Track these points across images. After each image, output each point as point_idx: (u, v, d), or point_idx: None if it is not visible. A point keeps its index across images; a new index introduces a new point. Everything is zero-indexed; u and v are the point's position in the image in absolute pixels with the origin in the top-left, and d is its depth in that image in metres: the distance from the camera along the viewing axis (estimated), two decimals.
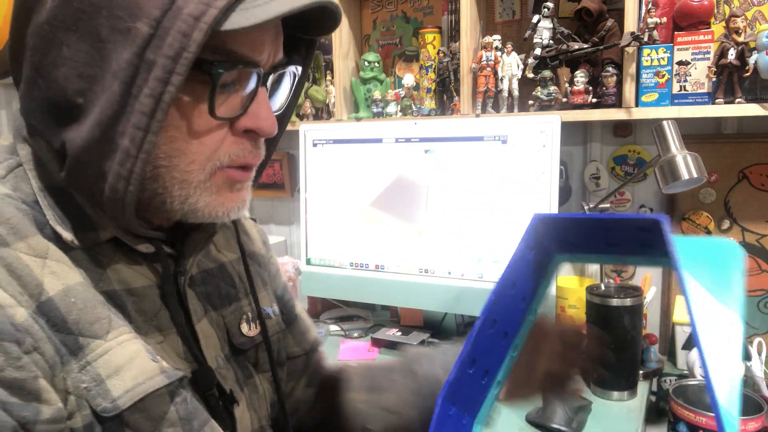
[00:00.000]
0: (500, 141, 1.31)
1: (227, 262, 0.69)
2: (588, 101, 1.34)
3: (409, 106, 1.60)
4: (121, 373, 0.50)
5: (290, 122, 1.96)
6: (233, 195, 0.55)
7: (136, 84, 0.45)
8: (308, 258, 1.55)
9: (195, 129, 0.50)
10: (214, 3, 0.45)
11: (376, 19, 1.74)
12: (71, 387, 0.48)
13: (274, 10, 0.46)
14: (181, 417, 0.54)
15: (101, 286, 0.52)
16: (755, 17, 1.27)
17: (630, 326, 1.17)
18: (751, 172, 1.34)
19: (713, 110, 1.22)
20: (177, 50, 0.44)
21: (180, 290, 0.58)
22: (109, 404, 0.49)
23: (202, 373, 0.57)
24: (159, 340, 0.55)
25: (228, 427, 0.60)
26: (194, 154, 0.50)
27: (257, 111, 0.52)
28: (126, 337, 0.52)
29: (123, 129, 0.46)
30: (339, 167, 1.50)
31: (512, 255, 0.55)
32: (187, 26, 0.44)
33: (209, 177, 0.52)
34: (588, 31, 1.38)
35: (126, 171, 0.47)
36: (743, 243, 1.36)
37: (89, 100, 0.47)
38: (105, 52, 0.46)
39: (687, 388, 1.13)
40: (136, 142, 0.46)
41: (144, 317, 0.55)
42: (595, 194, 1.51)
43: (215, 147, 0.51)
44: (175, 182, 0.51)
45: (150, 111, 0.45)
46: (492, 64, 1.41)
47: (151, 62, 0.45)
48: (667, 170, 1.17)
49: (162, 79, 0.45)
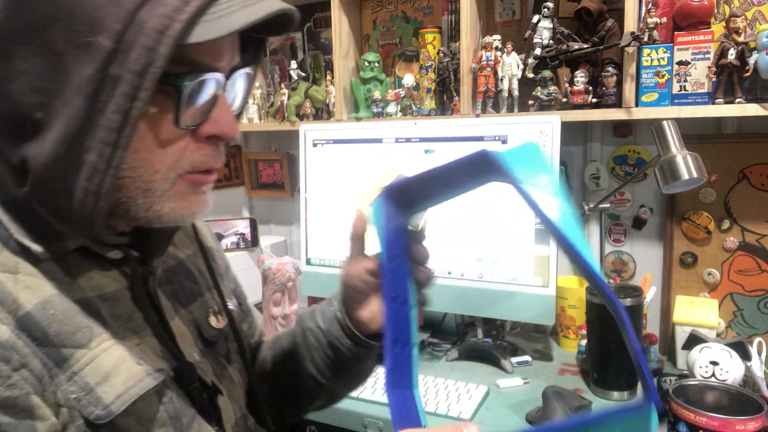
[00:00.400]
0: (500, 141, 1.31)
1: (185, 257, 0.69)
2: (588, 101, 1.34)
3: (409, 106, 1.60)
4: (110, 379, 0.51)
5: (290, 122, 1.95)
6: (197, 198, 0.55)
7: (101, 99, 0.44)
8: (308, 258, 1.55)
9: (159, 139, 0.50)
10: (176, 17, 0.44)
11: (376, 19, 1.74)
12: (62, 399, 0.49)
13: (238, 22, 0.46)
14: (171, 416, 0.55)
15: (74, 294, 0.52)
16: (755, 17, 1.27)
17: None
18: (751, 172, 1.34)
19: (713, 110, 1.22)
20: (143, 65, 0.44)
21: (150, 291, 0.59)
22: (102, 411, 0.50)
23: (184, 369, 0.58)
24: (136, 342, 0.55)
25: (214, 418, 0.61)
26: (158, 164, 0.50)
27: (219, 117, 0.52)
28: (109, 344, 0.52)
29: (89, 144, 0.45)
30: (339, 167, 1.50)
31: (378, 231, 0.60)
32: (152, 41, 0.44)
33: (172, 185, 0.52)
34: (588, 31, 1.38)
35: (95, 186, 0.46)
36: (743, 243, 1.36)
37: (49, 115, 0.46)
38: (63, 66, 0.45)
39: (687, 388, 1.13)
40: (104, 158, 0.45)
41: (119, 321, 0.55)
42: (595, 194, 1.52)
43: (179, 155, 0.51)
44: (140, 192, 0.51)
45: (118, 126, 0.45)
46: (492, 64, 1.41)
47: (115, 77, 0.44)
48: (667, 170, 1.17)
49: (129, 94, 0.44)
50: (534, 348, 1.47)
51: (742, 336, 1.37)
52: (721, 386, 1.13)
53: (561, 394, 1.10)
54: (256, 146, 2.06)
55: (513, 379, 1.27)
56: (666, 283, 1.46)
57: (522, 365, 1.36)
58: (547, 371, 1.33)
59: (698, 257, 1.41)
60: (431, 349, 1.46)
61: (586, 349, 1.27)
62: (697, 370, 1.18)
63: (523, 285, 1.31)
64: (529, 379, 1.28)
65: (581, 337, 1.38)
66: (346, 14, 1.65)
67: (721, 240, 1.38)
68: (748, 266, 1.37)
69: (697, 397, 1.12)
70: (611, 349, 1.18)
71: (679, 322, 1.32)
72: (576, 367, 1.35)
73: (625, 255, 1.52)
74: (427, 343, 1.48)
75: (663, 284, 1.46)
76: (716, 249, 1.39)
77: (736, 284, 1.38)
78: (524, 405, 1.14)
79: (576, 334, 1.42)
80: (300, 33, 1.85)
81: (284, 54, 1.88)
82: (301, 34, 1.85)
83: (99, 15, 0.44)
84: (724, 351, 1.17)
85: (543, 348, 1.48)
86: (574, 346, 1.41)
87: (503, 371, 1.33)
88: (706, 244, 1.40)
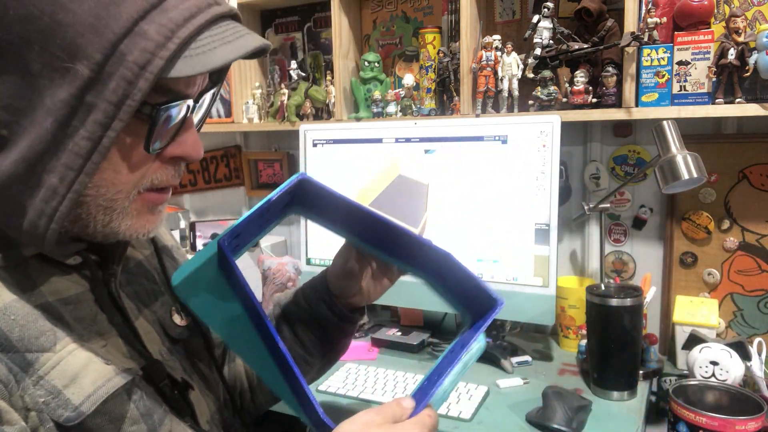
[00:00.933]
0: (500, 141, 1.31)
1: (143, 258, 0.70)
2: (588, 101, 1.34)
3: (409, 106, 1.60)
4: (78, 380, 0.51)
5: (290, 122, 1.94)
6: (153, 217, 0.56)
7: (72, 124, 0.45)
8: (308, 258, 1.55)
9: (128, 163, 0.51)
10: (158, 53, 0.45)
11: (376, 19, 1.74)
12: (30, 403, 0.49)
13: (218, 60, 0.47)
14: (142, 413, 0.55)
15: (34, 300, 0.52)
16: (755, 17, 1.27)
17: (630, 326, 1.17)
18: (751, 172, 1.34)
19: (713, 110, 1.22)
20: (120, 97, 0.44)
21: (113, 293, 0.59)
22: (71, 413, 0.50)
23: (152, 367, 0.59)
24: (102, 344, 0.56)
25: (187, 413, 0.62)
26: (122, 184, 0.51)
27: (185, 139, 0.54)
28: (74, 346, 0.52)
29: (52, 167, 0.46)
30: (339, 167, 1.50)
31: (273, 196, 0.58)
32: (132, 74, 0.44)
33: (131, 202, 0.53)
34: (588, 31, 1.38)
35: (50, 209, 0.47)
36: (743, 243, 1.36)
37: (13, 133, 0.46)
38: (37, 88, 0.45)
39: (687, 388, 1.13)
40: (66, 182, 0.46)
41: (82, 324, 0.55)
42: (595, 194, 1.52)
43: (142, 175, 0.53)
44: (100, 209, 0.51)
45: (86, 153, 0.46)
46: (492, 64, 1.41)
47: (90, 105, 0.45)
48: (667, 170, 1.17)
49: (103, 123, 0.45)
50: (534, 348, 1.47)
51: (742, 336, 1.37)
52: (721, 386, 1.13)
53: (561, 394, 1.10)
54: (256, 146, 2.06)
55: (513, 379, 1.27)
56: (666, 283, 1.46)
57: (522, 365, 1.36)
58: (547, 371, 1.33)
59: (698, 257, 1.41)
60: (431, 349, 1.46)
61: (586, 349, 1.27)
62: (697, 370, 1.18)
63: (523, 285, 1.31)
64: (529, 379, 1.28)
65: (581, 337, 1.38)
66: (346, 14, 1.65)
67: (721, 240, 1.38)
68: (748, 266, 1.37)
69: (697, 397, 1.12)
70: (611, 349, 1.18)
71: (679, 322, 1.33)
72: (576, 367, 1.35)
73: (625, 255, 1.52)
74: (427, 343, 1.48)
75: (663, 284, 1.46)
76: (716, 249, 1.39)
77: (736, 284, 1.38)
78: (524, 405, 1.14)
79: (576, 334, 1.42)
80: (300, 33, 1.85)
81: (284, 54, 1.88)
82: (301, 34, 1.85)
83: (80, 42, 0.44)
84: (724, 351, 1.17)
85: (543, 348, 1.48)
86: (574, 346, 1.41)
87: (503, 371, 1.33)
88: (706, 244, 1.40)
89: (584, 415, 1.10)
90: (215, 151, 2.10)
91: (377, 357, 1.42)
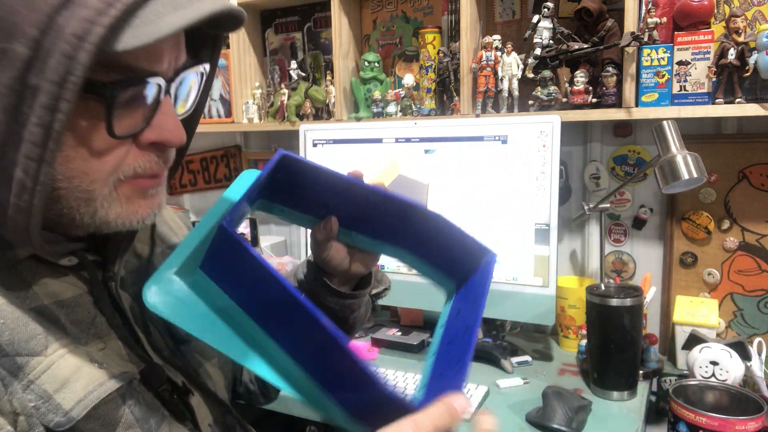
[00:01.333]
0: (500, 141, 1.31)
1: (151, 256, 0.68)
2: (588, 101, 1.34)
3: (409, 106, 1.60)
4: (69, 385, 0.50)
5: (290, 122, 1.94)
6: (146, 201, 0.52)
7: (22, 111, 0.41)
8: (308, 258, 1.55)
9: (94, 149, 0.47)
10: (98, 20, 0.40)
11: (376, 19, 1.74)
12: (19, 408, 0.48)
13: (168, 27, 0.42)
14: (137, 418, 0.54)
15: (28, 303, 0.51)
16: (755, 17, 1.27)
17: (630, 326, 1.17)
18: (751, 172, 1.34)
19: (713, 110, 1.22)
20: (62, 74, 0.40)
21: (112, 294, 0.58)
22: (62, 418, 0.49)
23: (151, 371, 0.57)
24: (100, 347, 0.55)
25: (187, 418, 0.60)
26: (95, 173, 0.48)
27: (161, 123, 0.49)
28: (66, 350, 0.51)
29: (14, 159, 0.43)
30: (339, 167, 1.50)
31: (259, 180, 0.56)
32: (71, 47, 0.40)
33: (113, 189, 0.49)
34: (588, 31, 1.38)
35: (24, 203, 0.44)
36: (743, 243, 1.36)
37: None
38: None
39: (687, 388, 1.13)
40: (30, 174, 0.43)
41: (80, 327, 0.54)
42: (595, 194, 1.52)
43: (117, 163, 0.48)
44: (80, 201, 0.48)
45: (41, 141, 0.42)
46: (492, 64, 1.41)
47: (34, 88, 0.41)
48: (667, 170, 1.17)
49: (49, 106, 0.41)
50: (534, 348, 1.47)
51: (742, 336, 1.37)
52: (721, 386, 1.13)
53: (561, 394, 1.10)
54: (256, 146, 2.06)
55: (513, 379, 1.27)
56: (666, 283, 1.46)
57: (522, 365, 1.36)
58: (547, 371, 1.33)
59: (698, 257, 1.41)
60: None
61: (586, 349, 1.27)
62: (697, 370, 1.18)
63: (523, 285, 1.31)
64: (529, 379, 1.28)
65: (581, 337, 1.38)
66: (346, 14, 1.65)
67: (721, 240, 1.38)
68: (748, 266, 1.37)
69: (697, 397, 1.12)
70: (611, 349, 1.18)
71: (679, 322, 1.33)
72: (576, 367, 1.35)
73: (625, 255, 1.52)
74: (427, 343, 1.48)
75: (663, 284, 1.46)
76: (716, 249, 1.39)
77: (736, 284, 1.38)
78: (524, 405, 1.14)
79: (576, 334, 1.42)
80: (300, 33, 1.85)
81: (284, 54, 1.88)
82: (301, 34, 1.85)
83: (14, 20, 0.40)
84: (724, 351, 1.17)
85: (543, 348, 1.48)
86: (574, 346, 1.41)
87: (503, 371, 1.33)
88: (706, 244, 1.41)
89: (584, 415, 1.10)
90: (215, 151, 2.10)
91: (377, 357, 1.42)
